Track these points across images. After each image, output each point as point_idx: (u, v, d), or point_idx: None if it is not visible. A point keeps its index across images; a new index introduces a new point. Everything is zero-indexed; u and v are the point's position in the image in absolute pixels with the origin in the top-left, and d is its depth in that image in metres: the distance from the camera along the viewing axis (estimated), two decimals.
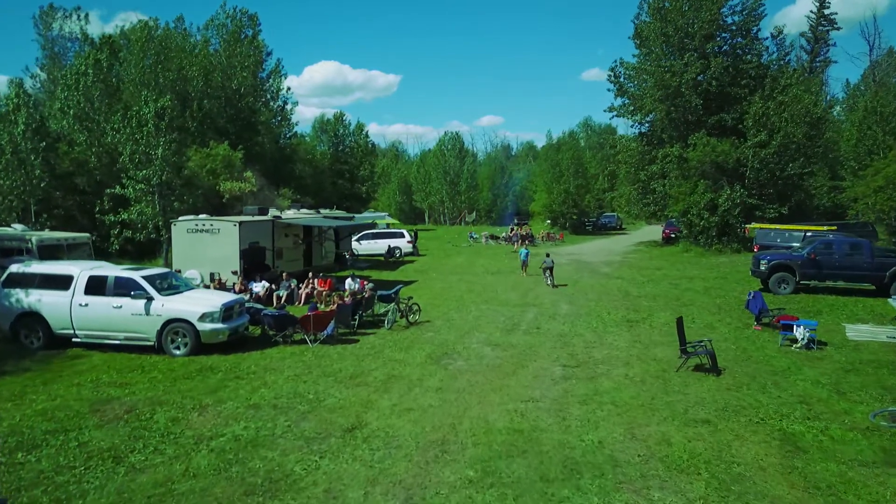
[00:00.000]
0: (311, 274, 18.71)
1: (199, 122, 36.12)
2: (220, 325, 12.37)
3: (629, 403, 9.46)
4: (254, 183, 32.10)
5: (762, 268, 20.25)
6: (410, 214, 77.62)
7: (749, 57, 37.08)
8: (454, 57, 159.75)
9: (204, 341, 12.25)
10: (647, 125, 38.91)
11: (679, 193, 34.50)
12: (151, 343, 12.32)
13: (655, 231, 50.88)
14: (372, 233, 34.98)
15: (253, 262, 18.79)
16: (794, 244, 24.36)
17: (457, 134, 75.76)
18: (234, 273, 17.93)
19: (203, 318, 12.20)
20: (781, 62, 38.63)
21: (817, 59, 61.71)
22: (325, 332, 13.45)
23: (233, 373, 11.09)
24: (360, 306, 14.99)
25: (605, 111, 39.73)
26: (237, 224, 18.08)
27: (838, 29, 64.12)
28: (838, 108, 59.99)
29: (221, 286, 17.15)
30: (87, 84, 28.50)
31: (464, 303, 18.80)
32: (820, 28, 63.70)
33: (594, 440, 8.03)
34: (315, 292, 17.91)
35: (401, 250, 33.66)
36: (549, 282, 22.08)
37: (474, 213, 70.83)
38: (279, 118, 47.02)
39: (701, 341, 11.68)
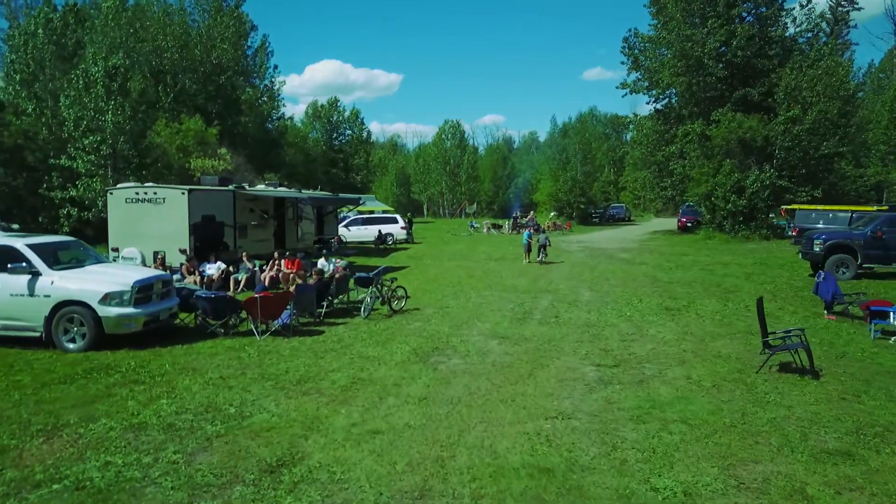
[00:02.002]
0: (276, 254, 15.46)
1: (173, 97, 32.76)
2: (130, 310, 9.14)
3: (710, 422, 6.24)
4: (229, 160, 28.79)
5: (817, 249, 16.98)
6: (409, 207, 74.27)
7: (774, 29, 33.89)
8: (456, 56, 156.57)
9: (108, 331, 9.04)
10: (664, 101, 35.63)
11: (701, 175, 31.25)
12: (38, 334, 9.09)
13: (666, 222, 47.83)
14: (362, 218, 31.74)
15: (207, 240, 15.57)
16: (819, 226, 21.21)
17: (457, 122, 72.40)
18: (183, 252, 14.71)
19: (107, 299, 8.98)
20: (810, 33, 35.39)
21: (837, 42, 58.31)
22: (279, 320, 10.26)
23: (133, 375, 7.87)
24: (329, 289, 11.76)
25: (617, 87, 36.41)
26: (186, 192, 14.85)
27: (859, 9, 60.89)
28: (860, 93, 56.64)
29: (163, 267, 13.94)
30: (36, 45, 25.19)
31: (462, 288, 15.59)
32: (840, 9, 60.47)
33: (675, 489, 4.81)
34: (281, 275, 14.69)
35: (393, 237, 30.37)
36: (540, 258, 21.24)
37: (475, 205, 67.41)
38: (265, 98, 43.60)
39: (789, 331, 8.43)
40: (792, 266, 19.77)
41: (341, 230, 29.21)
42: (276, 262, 15.29)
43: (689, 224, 37.52)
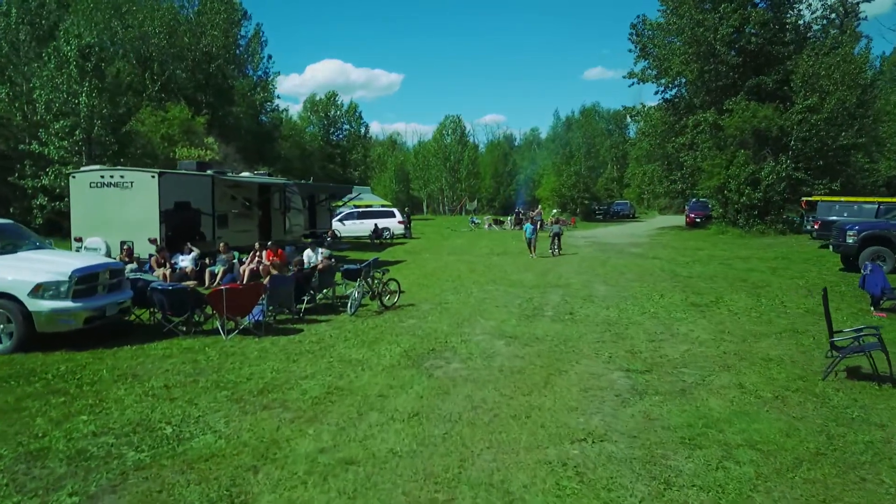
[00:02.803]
0: (257, 244, 13.98)
1: (161, 85, 31.23)
2: (68, 304, 7.68)
3: (787, 448, 4.78)
4: (216, 150, 27.27)
5: (850, 240, 15.51)
6: (408, 204, 72.88)
7: (789, 15, 32.44)
8: (456, 56, 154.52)
9: (41, 329, 7.59)
10: (673, 90, 34.15)
11: (713, 167, 29.77)
12: None
13: (671, 219, 46.51)
14: (357, 212, 30.27)
15: (181, 229, 14.11)
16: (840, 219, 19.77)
17: (458, 117, 70.82)
18: (153, 242, 13.25)
19: (39, 291, 7.53)
20: (826, 20, 33.93)
21: (853, 29, 56.86)
22: (250, 317, 8.79)
23: (59, 383, 6.42)
24: (311, 282, 10.29)
25: (624, 77, 34.78)
26: (156, 175, 13.39)
27: (869, 1, 59.49)
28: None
29: (130, 258, 12.52)
30: (9, 26, 23.69)
31: (463, 283, 14.13)
32: (849, 0, 59.07)
33: None
34: (261, 267, 13.21)
35: (391, 231, 28.89)
36: (553, 250, 20.57)
37: (475, 202, 65.88)
38: (259, 88, 42.03)
39: (861, 330, 6.99)
40: (819, 260, 18.36)
41: (335, 224, 27.76)
42: (258, 253, 13.82)
43: (697, 220, 36.11)
